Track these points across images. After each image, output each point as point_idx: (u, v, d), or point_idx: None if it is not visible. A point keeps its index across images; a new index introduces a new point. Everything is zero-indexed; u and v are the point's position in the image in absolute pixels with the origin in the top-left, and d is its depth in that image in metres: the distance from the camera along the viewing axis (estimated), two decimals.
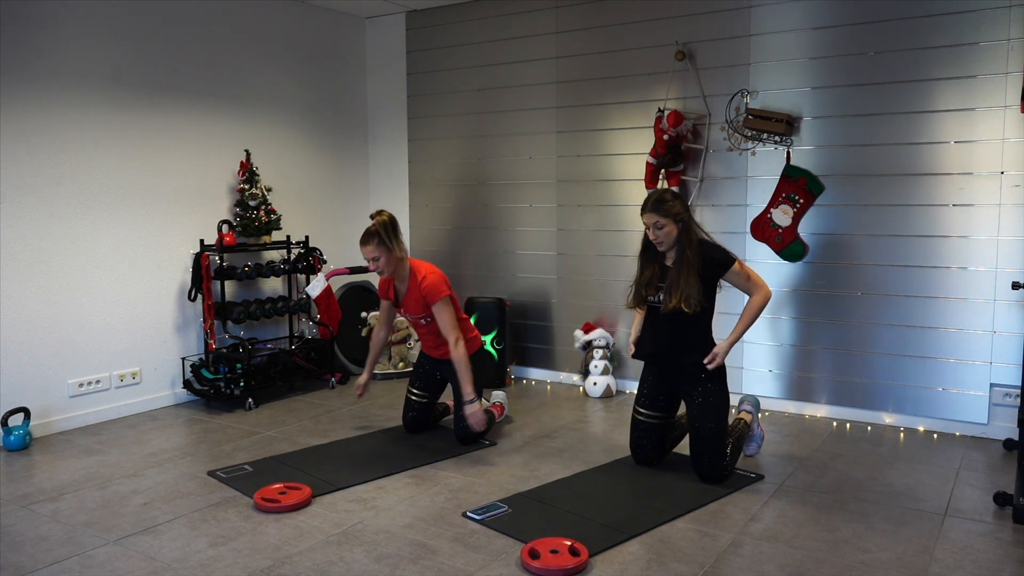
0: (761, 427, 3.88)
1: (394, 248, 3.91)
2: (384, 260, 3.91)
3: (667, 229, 3.39)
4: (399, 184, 6.04)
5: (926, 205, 4.17)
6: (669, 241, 3.42)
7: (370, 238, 3.87)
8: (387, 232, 3.89)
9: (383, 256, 3.89)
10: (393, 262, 3.94)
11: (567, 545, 2.76)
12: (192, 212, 4.91)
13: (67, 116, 4.27)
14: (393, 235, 3.91)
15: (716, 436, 3.45)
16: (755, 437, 3.82)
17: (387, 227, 3.90)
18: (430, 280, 3.94)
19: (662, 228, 3.39)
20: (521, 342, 5.52)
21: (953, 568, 2.70)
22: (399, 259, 3.95)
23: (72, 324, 4.36)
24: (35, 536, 2.97)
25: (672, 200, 3.40)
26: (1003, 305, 4.02)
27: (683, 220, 3.41)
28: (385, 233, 3.88)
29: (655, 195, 3.43)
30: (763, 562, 2.75)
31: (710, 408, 3.46)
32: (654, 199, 3.42)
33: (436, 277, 3.97)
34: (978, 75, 3.99)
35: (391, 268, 3.95)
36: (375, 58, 6.04)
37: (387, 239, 3.88)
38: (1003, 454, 3.87)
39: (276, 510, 3.18)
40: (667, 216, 3.38)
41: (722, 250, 3.49)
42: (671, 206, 3.38)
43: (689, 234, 3.41)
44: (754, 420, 3.82)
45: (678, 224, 3.40)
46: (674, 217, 3.39)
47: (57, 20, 4.20)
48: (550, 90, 5.27)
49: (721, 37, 4.62)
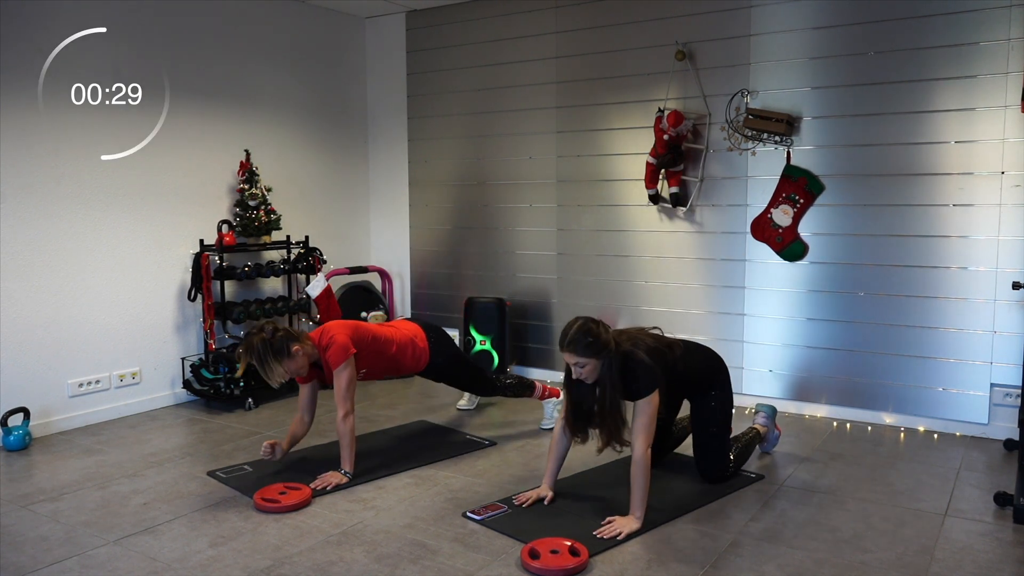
0: (778, 427, 3.90)
1: (291, 356, 3.41)
2: (296, 365, 3.46)
3: (589, 368, 3.01)
4: (399, 184, 6.03)
5: (926, 205, 4.17)
6: (593, 376, 3.04)
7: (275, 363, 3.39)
8: (275, 349, 3.38)
9: (292, 366, 3.45)
10: (301, 358, 3.46)
11: (567, 545, 2.76)
12: (192, 212, 4.91)
13: (67, 116, 4.27)
14: (284, 345, 3.39)
15: (717, 439, 3.45)
16: (771, 440, 3.85)
17: (266, 346, 3.37)
18: (332, 350, 3.49)
19: (584, 367, 3.01)
20: (521, 342, 5.52)
21: (953, 568, 2.70)
22: (304, 352, 3.47)
23: (72, 324, 4.35)
24: (35, 536, 2.97)
25: (591, 338, 2.98)
26: (1003, 305, 4.02)
27: (606, 355, 3.00)
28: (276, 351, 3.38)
29: (573, 332, 3.00)
30: (763, 562, 2.75)
31: (712, 413, 3.45)
32: (571, 337, 3.00)
33: (338, 345, 3.49)
34: (978, 75, 3.99)
35: (305, 362, 3.50)
36: (375, 58, 6.04)
37: (281, 352, 3.39)
38: (1003, 454, 3.87)
39: (276, 510, 3.17)
40: (587, 356, 2.99)
41: (639, 381, 3.03)
42: (591, 345, 2.97)
43: (611, 369, 3.00)
44: (769, 431, 3.83)
45: (601, 359, 3.01)
46: (595, 355, 2.99)
47: (57, 20, 4.20)
48: (550, 90, 5.27)
49: (721, 37, 4.62)
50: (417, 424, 4.46)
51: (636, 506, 2.98)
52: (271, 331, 3.41)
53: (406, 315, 6.07)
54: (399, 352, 3.79)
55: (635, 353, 3.05)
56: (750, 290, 4.67)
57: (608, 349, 3.00)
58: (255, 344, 3.38)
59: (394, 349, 3.77)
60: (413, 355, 3.85)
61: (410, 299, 6.08)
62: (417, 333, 3.91)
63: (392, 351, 3.76)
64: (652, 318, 5.00)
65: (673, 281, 4.93)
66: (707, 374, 3.47)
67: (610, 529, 2.92)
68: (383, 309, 5.78)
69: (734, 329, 4.74)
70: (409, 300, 6.09)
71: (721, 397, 3.48)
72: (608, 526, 2.93)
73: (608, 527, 2.93)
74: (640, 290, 5.05)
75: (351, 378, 3.52)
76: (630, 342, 3.09)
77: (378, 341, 3.70)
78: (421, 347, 3.87)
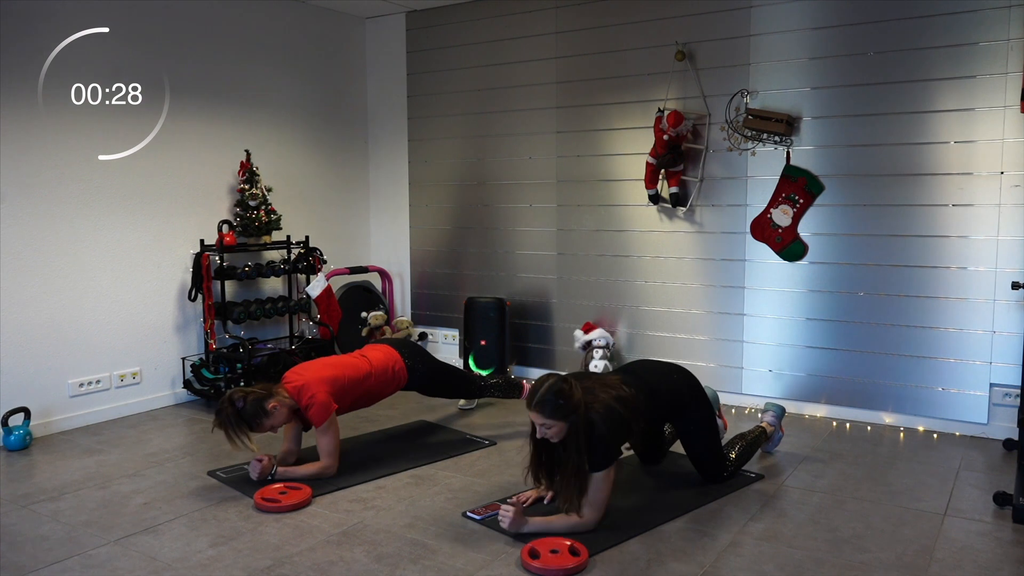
0: (782, 428, 3.90)
1: (269, 414, 3.39)
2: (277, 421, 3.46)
3: (555, 430, 2.88)
4: (399, 184, 6.04)
5: (926, 205, 4.17)
6: (559, 438, 2.91)
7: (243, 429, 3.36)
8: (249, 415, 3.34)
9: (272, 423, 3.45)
10: (281, 411, 3.45)
11: (567, 545, 2.76)
12: (192, 212, 4.91)
13: (67, 116, 4.27)
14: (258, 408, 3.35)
15: (709, 451, 3.42)
16: (775, 440, 3.85)
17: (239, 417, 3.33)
18: (314, 410, 3.49)
19: (550, 428, 2.88)
20: (521, 342, 5.52)
21: (953, 568, 2.70)
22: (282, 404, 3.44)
23: (72, 324, 4.36)
24: (36, 536, 2.98)
25: (563, 400, 2.85)
26: (1003, 305, 4.02)
27: (574, 418, 2.86)
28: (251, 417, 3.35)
29: (544, 391, 2.87)
30: (763, 562, 2.75)
31: (697, 429, 3.39)
32: (540, 398, 2.86)
33: (319, 405, 3.48)
34: (978, 75, 3.99)
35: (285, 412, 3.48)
36: (375, 58, 6.04)
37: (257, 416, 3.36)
38: (1003, 454, 3.87)
39: (276, 510, 3.18)
40: (555, 418, 2.86)
41: (602, 452, 2.90)
42: (560, 408, 2.84)
43: (579, 434, 2.86)
44: (776, 430, 3.83)
45: (569, 423, 2.87)
46: (564, 418, 2.86)
47: (57, 20, 4.20)
48: (550, 90, 5.27)
49: (721, 37, 4.62)
50: (417, 424, 4.46)
51: (539, 524, 2.91)
52: (241, 399, 3.34)
53: (406, 315, 6.07)
54: (379, 381, 3.82)
55: (599, 421, 2.88)
56: (750, 290, 4.68)
57: (577, 413, 2.86)
58: (227, 416, 3.32)
59: (374, 381, 3.79)
60: (393, 379, 3.89)
61: (410, 299, 6.08)
62: (391, 355, 3.92)
63: (373, 385, 3.79)
64: (652, 318, 5.01)
65: (673, 281, 4.93)
66: (677, 398, 3.32)
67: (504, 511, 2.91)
68: (383, 309, 5.79)
69: (734, 329, 4.74)
70: (409, 300, 6.09)
71: (698, 412, 3.37)
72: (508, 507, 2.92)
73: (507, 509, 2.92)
74: (640, 290, 5.05)
75: (335, 436, 3.56)
76: (596, 407, 2.91)
77: (356, 383, 3.71)
78: (399, 368, 3.90)
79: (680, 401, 3.33)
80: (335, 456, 3.55)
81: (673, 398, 3.31)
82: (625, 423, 2.97)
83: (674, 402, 3.32)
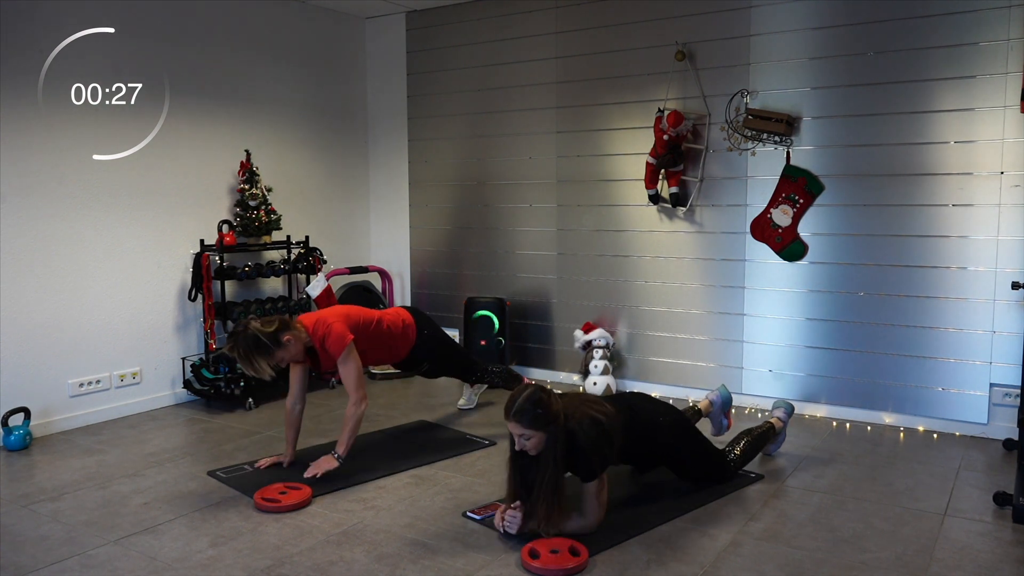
0: (785, 431, 3.89)
1: (283, 345, 3.41)
2: (289, 354, 3.47)
3: (534, 440, 2.83)
4: (399, 184, 6.04)
5: (926, 205, 4.17)
6: (537, 449, 2.85)
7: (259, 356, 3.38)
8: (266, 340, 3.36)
9: (285, 355, 3.46)
10: (294, 346, 3.46)
11: (567, 545, 2.76)
12: (192, 212, 4.91)
13: (67, 116, 4.27)
14: (275, 336, 3.38)
15: (709, 474, 3.40)
16: (780, 441, 3.84)
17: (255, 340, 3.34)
18: (331, 339, 3.51)
19: (529, 439, 2.83)
20: (521, 342, 5.52)
21: (953, 568, 2.70)
22: (297, 339, 3.47)
23: (72, 324, 4.36)
24: (36, 536, 2.98)
25: (541, 409, 2.80)
26: (1003, 305, 4.02)
27: (553, 429, 2.82)
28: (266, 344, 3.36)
29: (521, 401, 2.81)
30: (763, 562, 2.75)
31: (692, 461, 3.36)
32: (518, 407, 2.80)
33: (336, 334, 3.52)
34: (978, 75, 3.99)
35: (298, 348, 3.51)
36: (375, 58, 6.04)
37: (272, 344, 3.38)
38: (1003, 454, 3.87)
39: (276, 510, 3.18)
40: (533, 428, 2.80)
41: (588, 463, 2.88)
42: (539, 418, 2.79)
43: (556, 446, 2.82)
44: (784, 428, 3.82)
45: (547, 433, 2.82)
46: (543, 428, 2.81)
47: (58, 20, 4.20)
48: (550, 90, 5.27)
49: (721, 37, 4.62)
50: (417, 424, 4.46)
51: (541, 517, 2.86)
52: (260, 322, 3.42)
53: None
54: (389, 332, 3.90)
55: (580, 433, 2.84)
56: (750, 290, 4.68)
57: (556, 423, 2.81)
58: (243, 338, 3.36)
59: (384, 328, 3.89)
60: (403, 334, 3.98)
61: (410, 299, 6.08)
62: (402, 314, 4.07)
63: (383, 331, 3.88)
64: (652, 318, 5.01)
65: (673, 281, 4.93)
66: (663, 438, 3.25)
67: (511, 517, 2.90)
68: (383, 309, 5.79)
69: (734, 329, 4.74)
70: (409, 300, 6.09)
71: (689, 445, 3.33)
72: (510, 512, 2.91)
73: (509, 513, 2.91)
74: (640, 290, 5.05)
75: (357, 365, 3.59)
76: (577, 418, 2.88)
77: (369, 324, 3.81)
78: (408, 322, 4.02)
79: (665, 434, 3.24)
80: (363, 387, 3.57)
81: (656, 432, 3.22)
82: (607, 436, 2.90)
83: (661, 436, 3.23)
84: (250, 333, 3.36)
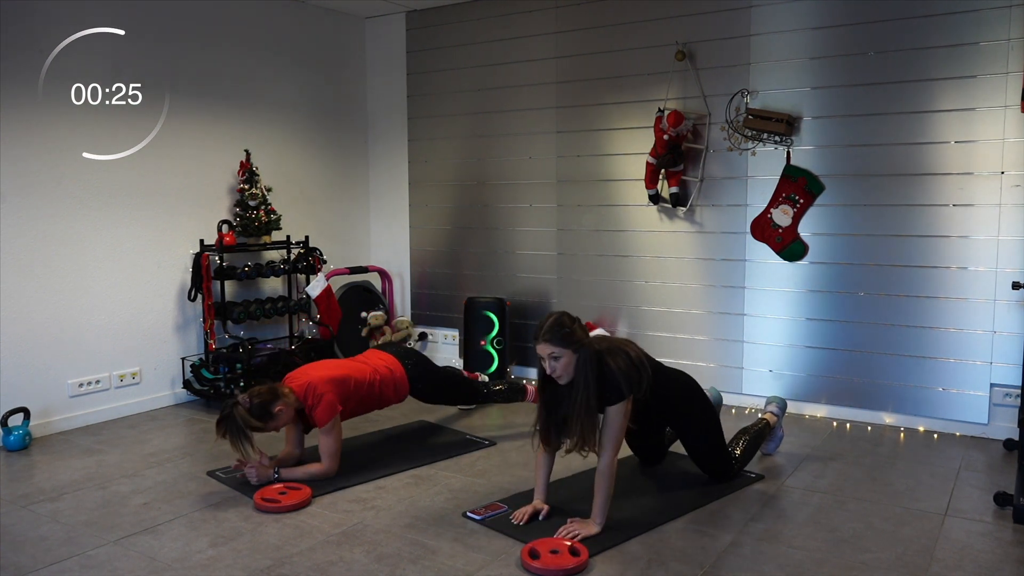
0: (782, 428, 3.88)
1: (274, 417, 3.40)
2: (280, 423, 3.47)
3: (564, 360, 2.89)
4: (399, 184, 6.03)
5: (926, 205, 4.17)
6: (568, 373, 2.92)
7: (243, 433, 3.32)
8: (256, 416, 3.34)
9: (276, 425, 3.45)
10: (286, 414, 3.46)
11: (567, 545, 2.76)
12: (192, 212, 4.91)
13: (67, 116, 4.27)
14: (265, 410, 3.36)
15: (714, 451, 3.42)
16: (776, 438, 3.83)
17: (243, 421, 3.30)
18: (320, 409, 3.48)
19: (559, 359, 2.89)
20: (521, 342, 5.51)
21: (953, 568, 2.70)
22: (288, 406, 3.45)
23: (72, 324, 4.35)
24: (35, 536, 2.97)
25: (569, 326, 2.90)
26: (1003, 305, 4.02)
27: (582, 347, 2.91)
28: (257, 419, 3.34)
29: (549, 324, 2.91)
30: (763, 562, 2.75)
31: (700, 431, 3.39)
32: (546, 328, 2.90)
33: (326, 404, 3.48)
34: (978, 75, 3.99)
35: (289, 414, 3.49)
36: (375, 58, 6.04)
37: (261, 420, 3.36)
38: (1003, 454, 3.87)
39: (276, 510, 3.18)
40: (564, 345, 2.88)
41: (611, 387, 2.93)
42: (566, 336, 2.88)
43: (587, 365, 2.89)
44: (778, 422, 3.82)
45: (577, 352, 2.90)
46: (573, 346, 2.89)
47: (58, 20, 4.20)
48: (550, 90, 5.27)
49: (721, 37, 4.62)
50: (417, 424, 4.46)
51: (597, 513, 2.93)
52: (247, 401, 3.33)
53: (406, 315, 6.07)
54: (380, 389, 3.80)
55: (609, 357, 2.94)
56: (750, 290, 4.68)
57: (582, 344, 2.90)
58: (231, 423, 3.29)
59: (376, 388, 3.78)
60: (395, 388, 3.87)
61: (410, 299, 6.08)
62: (393, 364, 3.91)
63: (375, 391, 3.77)
64: (652, 318, 5.01)
65: (673, 281, 4.93)
66: (682, 398, 3.34)
67: (568, 530, 2.88)
68: (383, 309, 5.78)
69: (734, 329, 4.74)
70: (409, 300, 6.09)
71: (702, 415, 3.38)
72: (567, 527, 2.90)
73: (566, 528, 2.89)
74: (640, 290, 5.05)
75: (338, 437, 3.54)
76: (607, 345, 3.02)
77: (361, 387, 3.70)
78: (399, 376, 3.88)
79: (686, 396, 3.35)
80: (336, 458, 3.54)
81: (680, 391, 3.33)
82: (636, 364, 3.01)
83: (681, 395, 3.33)
84: (239, 417, 3.29)
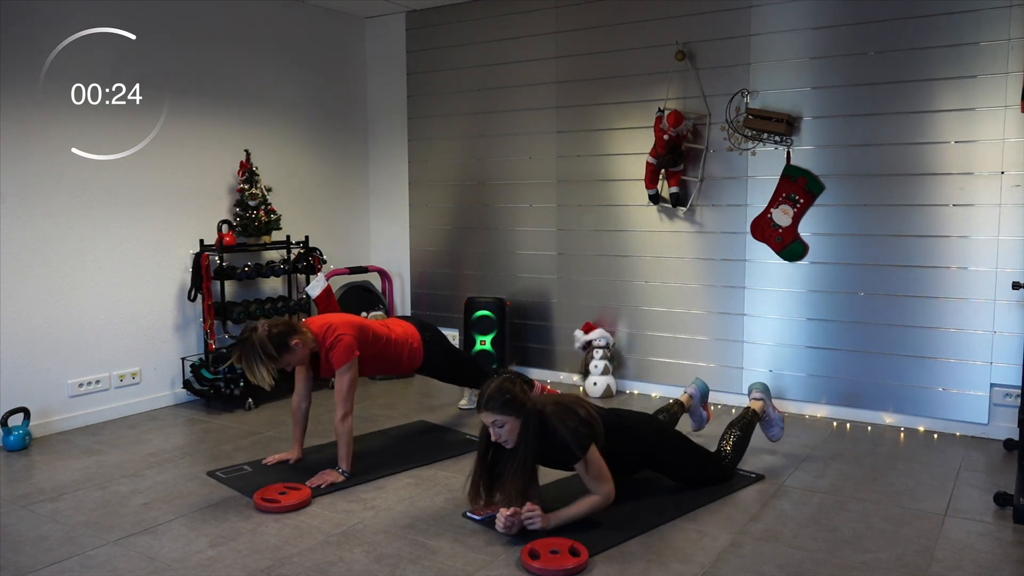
0: (777, 409, 3.83)
1: (291, 349, 3.40)
2: (296, 358, 3.47)
3: (508, 427, 2.87)
4: (399, 184, 6.03)
5: (926, 205, 4.17)
6: (514, 439, 2.90)
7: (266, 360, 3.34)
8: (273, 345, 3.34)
9: (292, 359, 3.45)
10: (302, 351, 3.45)
11: (567, 545, 2.76)
12: (192, 212, 4.91)
13: (67, 116, 4.27)
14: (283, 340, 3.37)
15: (702, 470, 3.40)
16: (775, 421, 3.78)
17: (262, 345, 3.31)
18: (337, 350, 3.48)
19: (503, 427, 2.87)
20: (521, 342, 5.51)
21: (953, 568, 2.70)
22: (304, 344, 3.45)
23: (72, 324, 4.35)
24: (35, 536, 2.97)
25: (511, 391, 2.86)
26: (1003, 305, 4.02)
27: (526, 414, 2.88)
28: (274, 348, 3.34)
29: (491, 390, 2.88)
30: (763, 562, 2.75)
31: (681, 468, 3.36)
32: (490, 392, 2.87)
33: (344, 345, 3.49)
34: (978, 75, 3.99)
35: (305, 354, 3.49)
36: (375, 58, 6.04)
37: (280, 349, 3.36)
38: (1003, 454, 3.87)
39: (276, 510, 3.17)
40: (507, 413, 2.86)
41: (565, 445, 2.90)
42: (508, 403, 2.85)
43: (530, 429, 2.87)
44: (767, 405, 3.77)
45: (521, 419, 2.88)
46: (515, 413, 2.86)
47: (58, 20, 4.20)
48: (550, 90, 5.27)
49: (721, 37, 4.62)
50: (417, 424, 4.46)
51: (560, 518, 2.92)
52: (267, 327, 3.37)
53: (406, 315, 6.06)
54: (396, 352, 3.83)
55: (555, 419, 2.89)
56: (750, 290, 4.67)
57: (527, 408, 2.87)
58: (249, 345, 3.32)
59: (393, 349, 3.81)
60: (409, 355, 3.89)
61: (410, 299, 6.08)
62: (412, 333, 3.94)
63: (391, 351, 3.80)
64: (652, 318, 5.01)
65: (673, 281, 4.93)
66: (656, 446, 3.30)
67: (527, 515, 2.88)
68: (383, 309, 5.78)
69: (734, 329, 4.74)
70: (409, 300, 6.09)
71: (680, 452, 3.34)
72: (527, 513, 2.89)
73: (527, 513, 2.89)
74: (640, 290, 5.05)
75: (353, 380, 3.52)
76: (552, 408, 2.94)
77: (379, 341, 3.73)
78: (416, 346, 3.91)
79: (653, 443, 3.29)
80: (351, 401, 3.50)
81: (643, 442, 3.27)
82: (585, 421, 2.93)
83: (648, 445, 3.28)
84: (256, 340, 3.32)
